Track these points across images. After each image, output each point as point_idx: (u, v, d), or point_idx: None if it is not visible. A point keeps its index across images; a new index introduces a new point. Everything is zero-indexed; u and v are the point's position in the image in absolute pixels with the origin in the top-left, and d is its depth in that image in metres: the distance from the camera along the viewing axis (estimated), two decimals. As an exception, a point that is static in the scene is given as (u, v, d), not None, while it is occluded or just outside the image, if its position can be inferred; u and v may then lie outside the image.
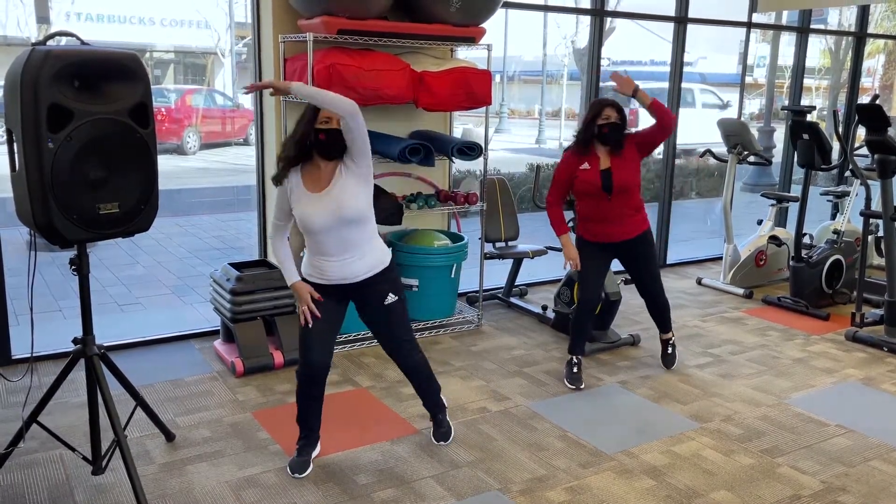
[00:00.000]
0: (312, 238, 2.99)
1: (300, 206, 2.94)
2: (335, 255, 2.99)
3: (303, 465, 3.14)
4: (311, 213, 2.92)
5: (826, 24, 14.33)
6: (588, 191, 3.93)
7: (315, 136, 2.89)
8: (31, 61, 2.48)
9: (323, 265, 3.02)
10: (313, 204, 2.92)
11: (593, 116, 3.84)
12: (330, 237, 2.95)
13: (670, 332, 4.39)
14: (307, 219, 2.93)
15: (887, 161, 4.75)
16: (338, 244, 2.97)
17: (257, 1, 4.56)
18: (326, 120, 2.88)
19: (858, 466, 3.31)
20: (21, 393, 3.76)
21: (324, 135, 2.88)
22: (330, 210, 2.91)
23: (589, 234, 4.07)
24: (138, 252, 7.29)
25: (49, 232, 2.62)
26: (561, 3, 17.50)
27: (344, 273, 3.01)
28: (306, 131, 2.90)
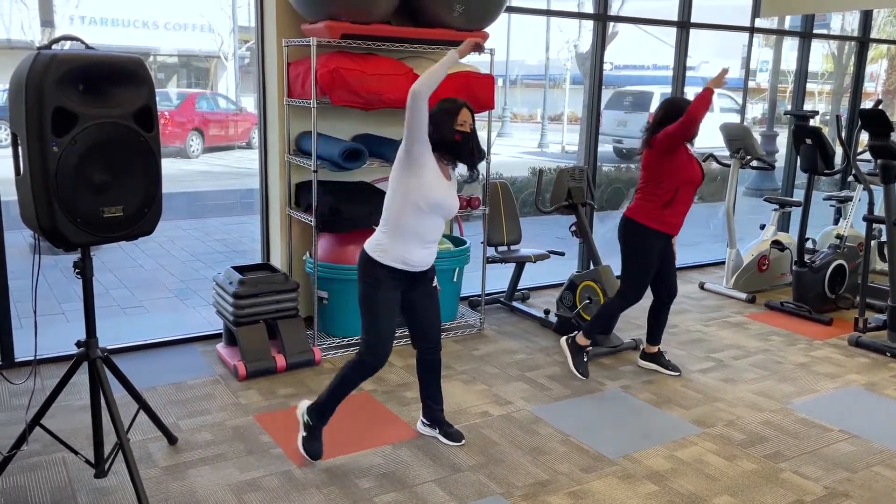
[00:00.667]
0: (427, 219, 3.07)
1: (432, 178, 3.04)
2: (428, 241, 3.13)
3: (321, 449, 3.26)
4: (443, 193, 3.07)
5: (829, 29, 14.33)
6: (693, 179, 4.01)
7: (453, 135, 3.06)
8: (36, 65, 2.50)
9: (415, 252, 3.10)
10: (446, 188, 3.10)
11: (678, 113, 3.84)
12: (439, 224, 3.13)
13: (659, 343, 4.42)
14: (443, 199, 3.07)
15: (890, 166, 4.75)
16: (437, 231, 3.15)
17: (261, 5, 4.58)
18: (462, 123, 3.09)
19: (861, 472, 3.30)
20: (24, 396, 3.76)
21: (460, 136, 3.08)
22: (453, 199, 3.14)
23: (665, 225, 4.02)
24: (141, 255, 7.31)
25: (53, 235, 2.63)
26: (564, 7, 17.53)
27: (427, 260, 3.17)
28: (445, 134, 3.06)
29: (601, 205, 10.41)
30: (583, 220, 5.12)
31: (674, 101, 4.01)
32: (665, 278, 4.21)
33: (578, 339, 4.28)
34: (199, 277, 6.62)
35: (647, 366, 4.40)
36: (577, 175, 5.11)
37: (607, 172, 11.55)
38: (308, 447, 3.26)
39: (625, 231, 4.09)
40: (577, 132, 16.55)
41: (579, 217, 5.11)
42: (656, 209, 3.99)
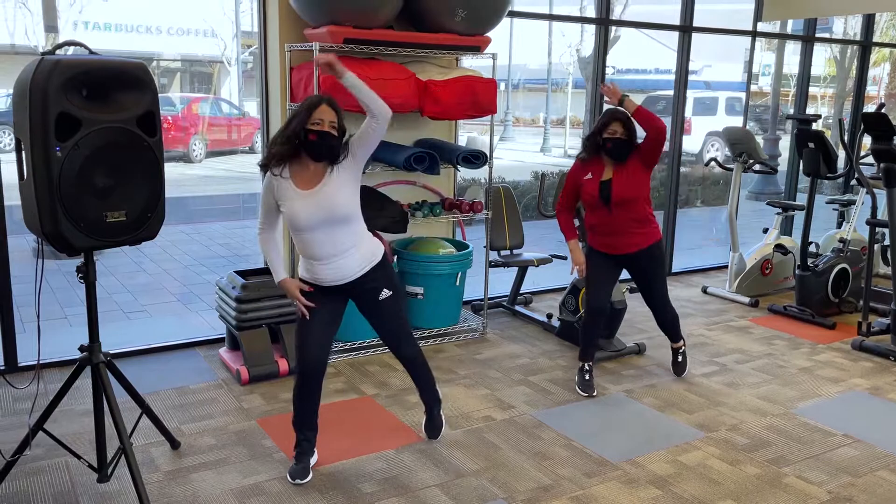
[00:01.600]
0: (301, 237, 2.98)
1: (289, 202, 2.92)
2: (325, 257, 2.98)
3: (303, 471, 3.13)
4: (300, 210, 2.91)
5: (831, 33, 14.34)
6: (589, 201, 3.94)
7: (305, 135, 2.87)
8: (39, 70, 2.50)
9: (315, 268, 3.02)
10: (303, 201, 2.91)
11: (600, 128, 3.83)
12: (318, 236, 2.94)
13: (681, 341, 4.38)
14: (296, 216, 2.92)
15: (893, 169, 4.74)
16: (327, 244, 2.96)
17: (264, 10, 4.59)
18: (319, 121, 2.86)
19: (865, 476, 3.29)
20: (27, 400, 3.77)
21: (314, 135, 2.86)
22: (321, 208, 2.90)
23: (595, 244, 4.07)
24: (144, 260, 7.32)
25: (56, 240, 2.64)
26: (566, 12, 17.55)
27: (336, 275, 3.02)
28: (297, 129, 2.87)
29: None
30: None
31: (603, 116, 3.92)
32: (645, 296, 4.17)
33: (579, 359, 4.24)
34: (202, 282, 6.63)
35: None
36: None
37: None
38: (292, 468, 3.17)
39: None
40: (580, 136, 16.56)
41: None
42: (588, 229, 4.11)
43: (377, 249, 3.12)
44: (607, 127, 3.80)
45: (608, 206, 3.88)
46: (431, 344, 4.80)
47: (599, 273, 4.07)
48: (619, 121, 3.79)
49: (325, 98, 2.93)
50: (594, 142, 3.87)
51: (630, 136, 3.82)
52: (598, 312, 4.11)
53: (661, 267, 4.13)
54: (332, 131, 2.88)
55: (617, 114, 3.81)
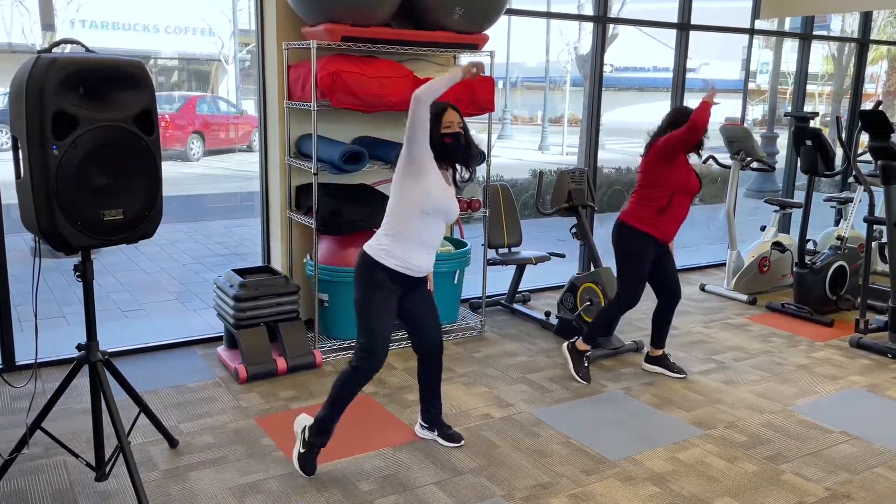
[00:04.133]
0: (425, 221, 3.05)
1: (433, 184, 3.02)
2: (429, 245, 3.12)
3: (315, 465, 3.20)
4: (447, 199, 3.06)
5: (829, 31, 14.34)
6: (690, 188, 4.02)
7: (441, 139, 3.05)
8: (36, 69, 2.50)
9: (419, 257, 3.09)
10: (446, 192, 3.08)
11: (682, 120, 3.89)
12: (438, 227, 3.11)
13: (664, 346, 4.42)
14: (445, 203, 3.06)
15: (891, 167, 4.75)
16: (437, 235, 3.13)
17: (261, 8, 4.59)
18: (449, 124, 3.07)
19: (863, 473, 3.30)
20: (25, 399, 3.76)
21: (450, 138, 3.09)
22: (454, 204, 3.12)
23: (658, 231, 4.03)
24: (142, 258, 7.31)
25: (54, 238, 2.63)
26: (564, 9, 17.54)
27: (428, 265, 3.16)
28: (435, 138, 3.03)
29: (602, 207, 10.42)
30: (583, 222, 5.12)
31: (680, 110, 4.05)
32: (665, 282, 4.21)
33: (578, 344, 4.28)
34: (200, 280, 6.62)
35: (652, 369, 4.38)
36: (577, 177, 5.12)
37: (608, 174, 11.55)
38: (304, 463, 3.18)
39: (618, 234, 4.12)
40: (578, 134, 16.56)
41: (580, 219, 5.11)
42: (651, 214, 4.01)
43: None
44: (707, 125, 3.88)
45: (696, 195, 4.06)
46: (430, 342, 4.80)
47: (648, 264, 4.09)
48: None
49: (447, 103, 3.12)
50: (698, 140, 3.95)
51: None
52: (633, 305, 4.14)
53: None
54: (461, 130, 3.13)
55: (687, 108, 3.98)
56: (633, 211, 4.06)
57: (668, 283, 4.21)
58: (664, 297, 4.26)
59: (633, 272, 4.08)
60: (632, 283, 4.09)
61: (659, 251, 4.10)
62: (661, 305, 4.29)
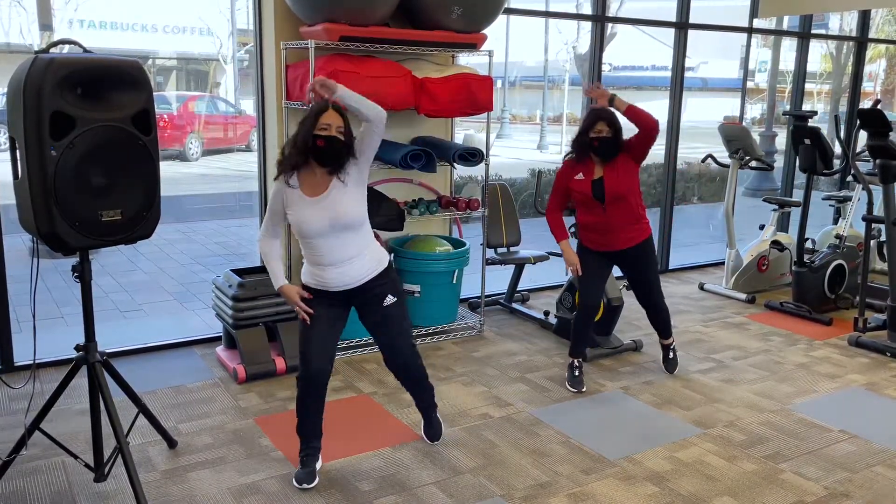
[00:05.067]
0: (309, 244, 2.98)
1: (297, 210, 2.93)
2: (334, 262, 2.98)
3: (309, 475, 3.10)
4: (308, 217, 2.91)
5: (827, 29, 14.35)
6: (582, 200, 3.97)
7: (313, 141, 2.87)
8: (34, 69, 2.50)
9: (322, 273, 3.01)
10: (310, 208, 2.91)
11: (586, 128, 3.84)
12: (327, 243, 2.95)
13: (671, 338, 4.38)
14: (304, 224, 2.92)
15: (889, 166, 4.75)
16: (335, 250, 2.96)
17: (259, 8, 4.58)
18: (326, 126, 2.86)
19: (862, 472, 3.30)
20: (23, 400, 3.76)
21: (322, 141, 2.86)
22: (328, 216, 2.91)
23: (588, 242, 4.09)
24: (140, 258, 7.30)
25: (51, 239, 2.63)
26: (562, 8, 17.55)
27: (344, 280, 3.01)
28: (306, 137, 2.88)
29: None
30: (582, 221, 5.11)
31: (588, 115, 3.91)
32: (637, 292, 4.19)
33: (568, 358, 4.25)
34: (199, 281, 6.62)
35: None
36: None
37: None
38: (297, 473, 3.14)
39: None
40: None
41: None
42: (579, 226, 4.13)
43: (383, 256, 3.12)
44: (593, 127, 3.81)
45: (602, 203, 3.89)
46: (428, 342, 4.80)
47: (593, 270, 4.08)
48: (604, 120, 3.80)
49: (330, 103, 2.90)
50: (581, 142, 3.89)
51: (616, 134, 3.83)
52: (592, 309, 4.14)
53: (654, 261, 4.15)
54: (339, 136, 2.88)
55: (602, 113, 3.82)
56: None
57: (639, 292, 4.18)
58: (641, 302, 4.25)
59: (582, 279, 4.10)
60: (583, 290, 4.11)
61: (612, 260, 4.09)
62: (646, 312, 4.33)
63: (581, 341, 4.20)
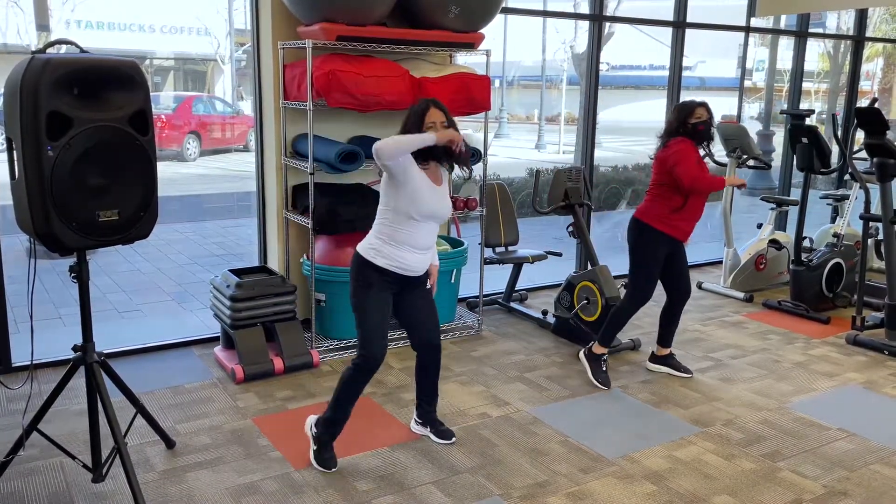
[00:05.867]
0: (415, 226, 3.06)
1: (419, 189, 3.00)
2: (423, 247, 3.12)
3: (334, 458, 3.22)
4: (430, 199, 3.04)
5: (824, 28, 14.36)
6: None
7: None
8: (30, 69, 2.49)
9: (410, 257, 3.10)
10: (433, 193, 3.06)
11: (686, 115, 3.92)
12: (430, 229, 3.11)
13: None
14: (424, 202, 3.02)
15: (886, 164, 4.75)
16: (429, 236, 3.13)
17: (256, 8, 4.58)
18: (431, 124, 3.01)
19: (860, 470, 3.31)
20: (21, 400, 3.75)
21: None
22: (444, 205, 3.12)
23: (672, 229, 4.02)
24: (138, 259, 7.30)
25: (49, 239, 2.63)
26: (560, 8, 17.55)
27: (423, 265, 3.17)
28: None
29: (598, 205, 10.42)
30: (580, 220, 5.12)
31: (684, 107, 4.00)
32: (677, 281, 4.19)
33: (595, 348, 4.23)
34: (197, 281, 6.61)
35: (658, 369, 4.37)
36: (574, 176, 5.12)
37: (604, 173, 11.55)
38: (320, 459, 3.21)
39: (633, 232, 4.10)
40: (574, 133, 16.56)
41: (576, 217, 5.11)
42: (666, 213, 4.00)
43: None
44: (695, 112, 3.91)
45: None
46: (427, 341, 4.80)
47: (660, 264, 4.09)
48: (703, 106, 3.93)
49: (431, 101, 3.06)
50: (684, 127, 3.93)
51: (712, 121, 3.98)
52: (645, 301, 4.13)
53: None
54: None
55: (696, 101, 3.97)
56: (648, 208, 4.05)
57: (679, 281, 4.20)
58: (674, 295, 4.25)
59: (647, 270, 4.08)
60: (645, 281, 4.09)
61: (672, 249, 4.10)
62: (670, 303, 4.28)
63: (617, 332, 4.25)
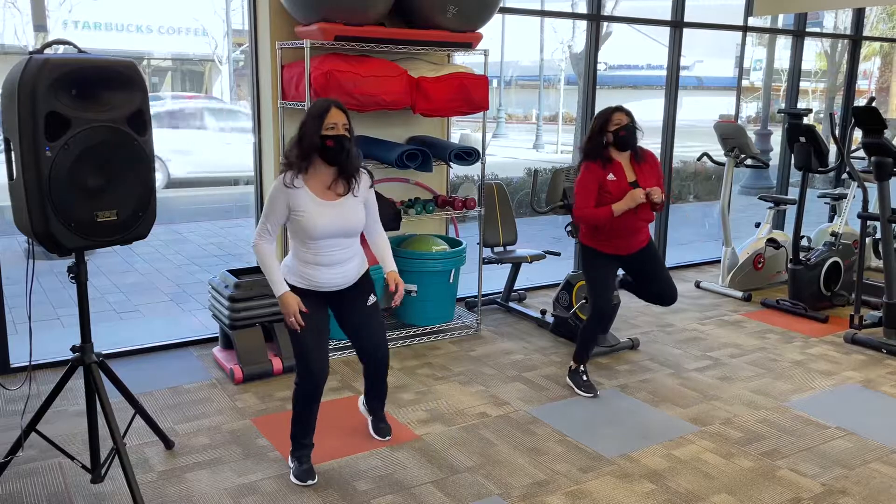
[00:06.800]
0: (311, 244, 2.97)
1: (308, 211, 2.91)
2: (332, 263, 3.00)
3: (309, 471, 3.12)
4: (319, 218, 2.91)
5: (822, 28, 14.38)
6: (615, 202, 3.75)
7: (322, 142, 2.87)
8: (28, 70, 2.49)
9: (316, 274, 3.01)
10: (323, 210, 2.92)
11: (603, 124, 3.75)
12: (330, 245, 2.97)
13: None
14: (316, 226, 2.91)
15: (884, 163, 4.76)
16: (337, 252, 3.00)
17: (254, 8, 4.57)
18: (332, 126, 2.86)
19: (858, 469, 3.31)
20: (20, 401, 3.75)
21: (332, 141, 2.87)
22: (341, 221, 2.95)
23: (604, 246, 3.90)
24: (136, 259, 7.29)
25: (47, 240, 2.62)
26: (557, 7, 17.55)
27: (337, 280, 3.05)
28: (313, 139, 2.86)
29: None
30: (578, 220, 5.12)
31: (601, 114, 3.83)
32: (652, 286, 4.01)
33: (571, 366, 4.15)
34: (195, 281, 6.61)
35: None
36: (572, 175, 5.12)
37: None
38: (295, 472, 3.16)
39: (580, 255, 4.14)
40: (572, 133, 16.57)
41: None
42: (592, 232, 3.91)
43: (365, 259, 3.20)
44: (612, 119, 3.73)
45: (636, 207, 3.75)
46: (425, 341, 4.80)
47: (607, 275, 3.96)
48: (621, 111, 3.75)
49: (332, 101, 2.92)
50: (600, 139, 3.75)
51: (635, 124, 3.76)
52: (608, 314, 4.10)
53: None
54: (346, 133, 2.90)
55: (614, 107, 3.78)
56: (585, 232, 3.95)
57: (655, 288, 4.00)
58: (652, 300, 4.08)
59: (593, 285, 3.96)
60: (595, 296, 3.96)
61: (622, 262, 3.98)
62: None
63: (590, 348, 4.11)
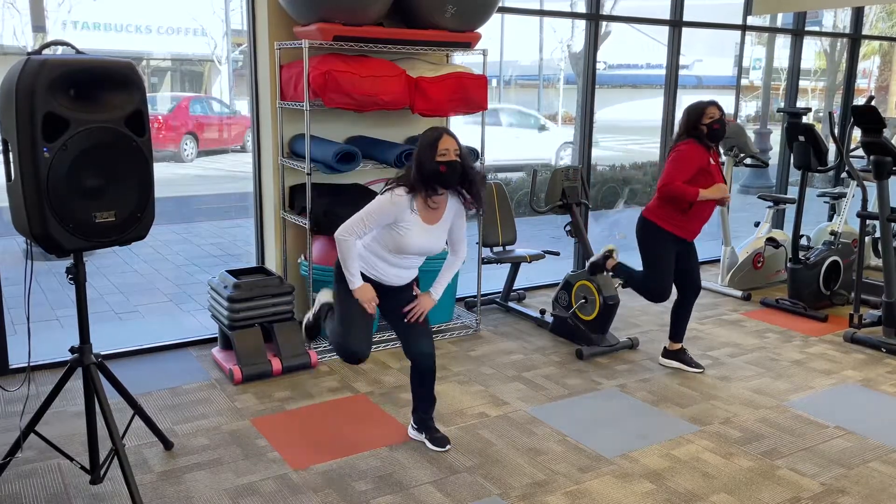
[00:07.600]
0: (404, 258, 3.18)
1: (411, 231, 3.10)
2: (403, 267, 3.24)
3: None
4: (419, 241, 3.13)
5: (821, 27, 14.38)
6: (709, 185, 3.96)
7: (436, 168, 3.02)
8: (26, 70, 2.48)
9: (387, 271, 3.22)
10: (424, 233, 3.14)
11: (699, 117, 3.92)
12: (409, 257, 3.21)
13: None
14: (412, 245, 3.13)
15: (883, 162, 4.76)
16: (411, 260, 3.24)
17: (253, 8, 4.57)
18: (444, 152, 3.04)
19: (858, 468, 3.31)
20: (18, 402, 3.75)
21: (444, 167, 3.03)
22: (434, 242, 3.19)
23: (679, 229, 4.08)
24: (135, 260, 7.29)
25: (45, 241, 2.62)
26: (557, 7, 17.55)
27: (398, 281, 3.27)
28: (431, 167, 3.02)
29: (596, 204, 10.42)
30: (577, 219, 5.12)
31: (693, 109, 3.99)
32: (688, 276, 4.26)
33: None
34: (194, 282, 6.61)
35: (669, 363, 4.43)
36: (571, 175, 5.12)
37: (602, 172, 11.56)
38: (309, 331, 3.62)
39: (641, 230, 4.18)
40: (572, 133, 16.56)
41: (574, 217, 5.11)
42: (673, 213, 4.05)
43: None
44: (706, 113, 3.91)
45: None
46: (425, 341, 4.80)
47: (671, 258, 4.14)
48: (716, 106, 3.93)
49: (443, 129, 3.12)
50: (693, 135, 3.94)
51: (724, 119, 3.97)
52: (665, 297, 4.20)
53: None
54: (457, 159, 3.07)
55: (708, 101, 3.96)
56: (656, 208, 4.10)
57: (690, 278, 4.26)
58: (684, 291, 4.32)
59: (658, 266, 4.15)
60: (658, 275, 4.15)
61: (681, 248, 4.15)
62: (681, 299, 4.35)
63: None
